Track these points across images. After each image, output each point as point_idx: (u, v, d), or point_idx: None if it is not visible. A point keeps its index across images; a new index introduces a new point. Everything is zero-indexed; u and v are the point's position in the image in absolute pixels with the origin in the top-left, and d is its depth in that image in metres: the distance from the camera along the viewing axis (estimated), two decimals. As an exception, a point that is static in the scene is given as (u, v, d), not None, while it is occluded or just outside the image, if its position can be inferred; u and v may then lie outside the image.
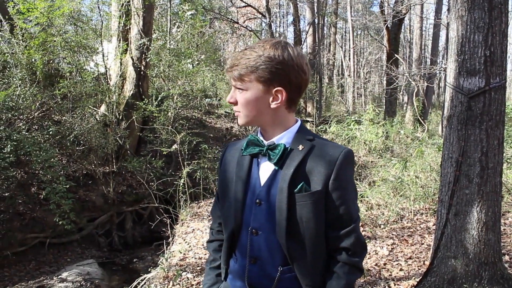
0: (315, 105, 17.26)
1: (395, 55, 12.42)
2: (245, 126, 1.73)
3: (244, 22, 21.52)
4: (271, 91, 1.55)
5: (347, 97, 22.38)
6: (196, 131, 12.68)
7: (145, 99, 10.61)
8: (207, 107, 17.88)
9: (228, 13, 19.79)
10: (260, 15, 20.62)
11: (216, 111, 17.60)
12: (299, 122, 1.66)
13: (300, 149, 1.58)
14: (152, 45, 11.24)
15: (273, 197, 1.57)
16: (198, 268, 5.21)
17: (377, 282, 4.46)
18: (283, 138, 1.61)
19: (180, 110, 12.02)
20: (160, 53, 11.68)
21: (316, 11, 20.24)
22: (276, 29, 27.91)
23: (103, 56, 10.64)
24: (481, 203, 3.47)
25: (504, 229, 6.33)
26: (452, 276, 3.56)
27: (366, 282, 4.50)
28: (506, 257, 5.15)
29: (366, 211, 7.19)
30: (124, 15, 10.96)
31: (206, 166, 9.87)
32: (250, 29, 19.63)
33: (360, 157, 10.39)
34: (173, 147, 8.99)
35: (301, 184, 1.54)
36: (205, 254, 5.67)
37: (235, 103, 1.60)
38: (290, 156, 1.58)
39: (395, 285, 4.36)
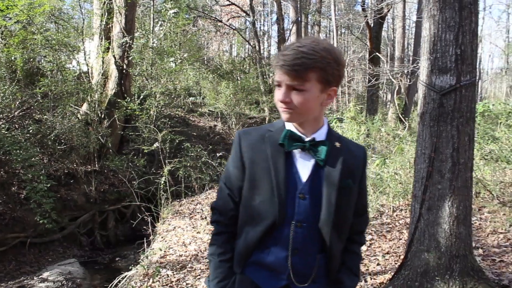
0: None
1: (377, 53, 12.54)
2: (292, 122, 1.64)
3: (228, 20, 21.55)
4: (327, 90, 1.60)
5: None
6: (178, 129, 12.68)
7: (128, 98, 10.58)
8: (190, 106, 17.88)
9: (211, 12, 19.77)
10: (244, 14, 20.68)
11: (200, 109, 17.61)
12: (326, 119, 1.74)
13: (338, 146, 1.70)
14: (134, 43, 11.21)
15: (317, 191, 1.65)
16: (178, 265, 5.24)
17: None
18: (321, 134, 1.68)
19: (163, 108, 12.01)
20: (143, 52, 11.66)
21: (299, 9, 20.34)
22: (260, 27, 27.96)
23: (84, 54, 10.58)
24: (452, 197, 3.55)
25: (479, 224, 6.46)
26: (425, 269, 3.64)
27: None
28: (480, 251, 5.27)
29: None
30: (106, 13, 10.92)
31: (188, 164, 9.89)
32: (234, 27, 19.64)
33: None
34: (155, 145, 8.98)
35: (347, 180, 1.68)
36: (185, 252, 5.70)
37: (290, 102, 1.57)
38: (332, 153, 1.67)
39: (371, 279, 4.44)
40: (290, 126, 1.67)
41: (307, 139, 1.65)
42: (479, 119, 9.96)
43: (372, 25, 12.64)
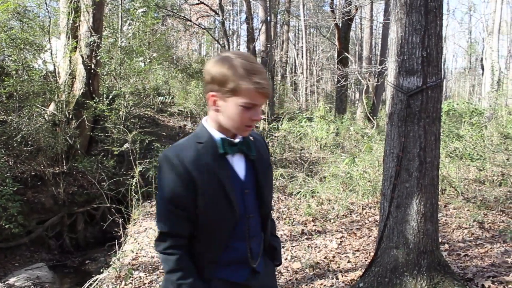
0: (267, 102, 17.41)
1: (345, 53, 12.73)
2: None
3: (197, 19, 21.46)
4: None
5: (299, 95, 22.70)
6: (148, 129, 12.56)
7: (96, 98, 10.42)
8: (160, 106, 17.74)
9: (180, 11, 19.64)
10: (214, 13, 20.62)
11: (169, 109, 17.49)
12: None
13: (252, 139, 1.92)
14: (102, 42, 11.05)
15: (253, 182, 1.89)
16: (151, 267, 5.22)
17: (325, 274, 4.61)
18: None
19: (132, 108, 11.88)
20: (111, 51, 11.50)
21: (269, 9, 20.41)
22: (229, 27, 27.94)
23: (51, 53, 10.37)
24: (420, 195, 3.67)
25: (445, 220, 6.66)
26: (394, 265, 3.74)
27: (315, 274, 4.65)
28: (446, 246, 5.44)
29: (317, 206, 7.37)
30: (73, 12, 10.71)
31: (158, 165, 9.78)
32: (203, 27, 19.57)
33: (311, 153, 10.62)
34: (125, 146, 8.88)
35: (269, 166, 2.01)
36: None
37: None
38: (254, 147, 1.91)
39: (342, 276, 4.53)
40: (219, 135, 1.80)
41: (236, 141, 1.82)
42: (444, 118, 10.24)
43: (340, 25, 12.81)
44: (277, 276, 4.78)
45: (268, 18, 20.32)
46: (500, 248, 5.20)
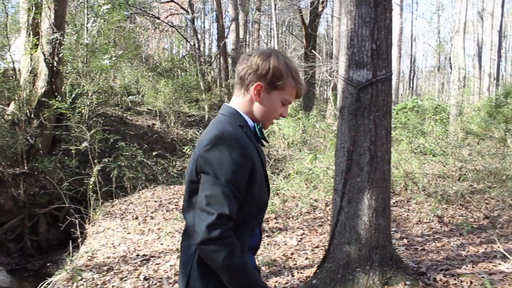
0: (226, 98, 17.38)
1: (312, 51, 12.74)
2: None
3: (166, 17, 21.22)
4: None
5: None
6: (114, 128, 12.35)
7: (59, 96, 10.16)
8: (129, 104, 17.47)
9: (149, 9, 19.37)
10: (184, 11, 20.43)
11: (139, 108, 17.24)
12: None
13: None
14: (65, 40, 10.79)
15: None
16: (105, 267, 5.08)
17: (281, 271, 4.56)
18: None
19: (98, 107, 11.66)
20: (75, 49, 11.23)
21: (239, 7, 20.34)
22: (201, 25, 27.74)
23: (9, 50, 10.07)
24: (371, 190, 3.64)
25: (407, 215, 6.70)
26: (346, 261, 3.70)
27: (271, 272, 4.59)
28: (405, 241, 5.46)
29: (281, 203, 7.32)
30: (34, 8, 10.43)
31: (123, 164, 9.65)
32: (171, 24, 19.35)
33: (277, 151, 10.58)
34: (83, 144, 8.67)
35: None
36: (114, 253, 5.53)
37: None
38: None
39: (298, 273, 4.48)
40: (251, 121, 1.83)
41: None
42: (409, 114, 10.34)
43: (307, 23, 12.81)
44: (233, 274, 4.70)
45: (238, 16, 20.25)
46: (456, 242, 5.24)
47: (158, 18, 18.54)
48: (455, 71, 18.19)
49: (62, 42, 10.48)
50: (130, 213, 7.19)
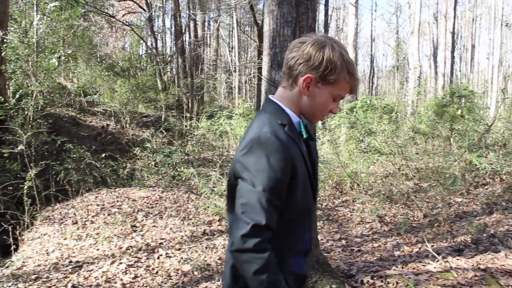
0: (190, 99, 17.23)
1: (261, 49, 12.71)
2: None
3: (123, 16, 20.82)
4: None
5: (221, 92, 22.61)
6: (65, 129, 11.99)
7: (1, 97, 9.77)
8: (85, 104, 17.04)
9: (103, 6, 18.93)
10: (142, 9, 20.09)
11: (95, 109, 16.83)
12: None
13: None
14: (8, 38, 10.38)
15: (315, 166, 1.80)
16: (34, 276, 4.86)
17: (212, 276, 4.46)
18: None
19: (49, 108, 11.30)
20: (19, 47, 10.83)
21: (197, 6, 20.15)
22: (160, 24, 27.34)
23: None
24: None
25: (351, 215, 6.72)
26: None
27: (203, 277, 4.48)
28: (343, 242, 5.45)
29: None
30: (-26, 5, 10.00)
31: (70, 166, 9.37)
32: (127, 23, 18.98)
33: (229, 151, 10.49)
34: (19, 147, 8.36)
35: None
36: (46, 261, 5.31)
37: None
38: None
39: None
40: (295, 117, 1.70)
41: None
42: (359, 113, 10.41)
43: (260, 23, 12.77)
44: (165, 279, 4.58)
45: (196, 15, 20.06)
46: (393, 242, 5.26)
47: (113, 17, 18.13)
48: (411, 70, 18.57)
49: (5, 40, 10.08)
50: (70, 217, 6.94)
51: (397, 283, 3.79)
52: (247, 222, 1.49)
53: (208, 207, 7.14)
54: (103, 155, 10.51)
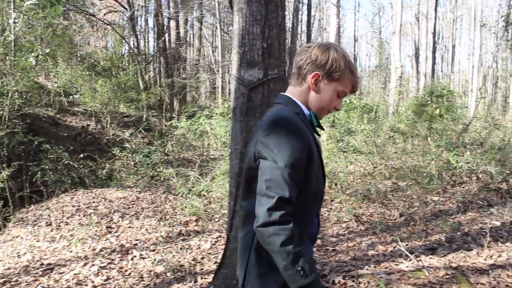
0: (170, 99, 17.11)
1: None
2: None
3: (104, 15, 20.59)
4: None
5: (201, 92, 22.53)
6: (43, 129, 11.80)
7: (-25, 96, 9.58)
8: (66, 104, 16.81)
9: (84, 5, 18.69)
10: (124, 8, 19.86)
11: (76, 108, 16.60)
12: None
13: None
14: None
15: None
16: (2, 279, 4.75)
17: (185, 277, 4.40)
18: None
19: (26, 108, 11.10)
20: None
21: (179, 5, 20.01)
22: (142, 23, 27.11)
23: None
24: (265, 192, 3.53)
25: (328, 214, 6.70)
26: (242, 266, 3.59)
27: (175, 278, 4.43)
28: (319, 241, 5.42)
29: (206, 205, 7.18)
30: None
31: (47, 167, 9.22)
32: (107, 22, 18.77)
33: (209, 151, 10.43)
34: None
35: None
36: (16, 263, 5.21)
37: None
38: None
39: (202, 278, 4.34)
40: (305, 109, 1.84)
41: None
42: (340, 112, 10.42)
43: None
44: (137, 281, 4.52)
45: (179, 14, 19.93)
46: (368, 241, 5.25)
47: (93, 16, 17.90)
48: (393, 70, 18.68)
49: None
50: (44, 219, 6.82)
51: (368, 282, 3.78)
52: (272, 196, 1.59)
53: (185, 207, 7.08)
54: (82, 155, 10.36)
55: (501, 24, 18.70)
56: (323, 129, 2.04)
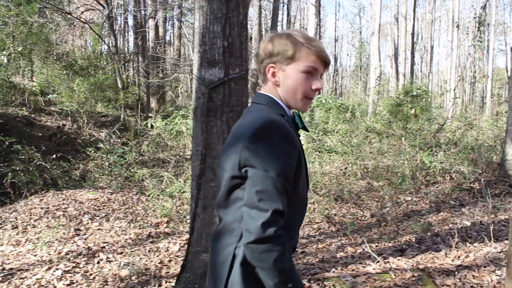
0: (147, 99, 16.95)
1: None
2: None
3: (82, 13, 20.29)
4: None
5: (181, 92, 22.36)
6: (16, 129, 11.55)
7: None
8: (42, 104, 16.52)
9: (61, 3, 18.37)
10: (102, 7, 19.59)
11: (52, 108, 16.32)
12: None
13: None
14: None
15: None
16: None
17: (149, 281, 4.30)
18: None
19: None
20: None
21: (158, 4, 19.81)
22: (120, 22, 26.82)
23: None
24: (227, 194, 3.45)
25: (307, 214, 6.64)
26: (203, 270, 3.51)
27: (139, 282, 4.32)
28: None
29: (179, 206, 7.08)
30: None
31: (18, 168, 9.02)
32: (84, 21, 18.50)
33: (184, 151, 10.32)
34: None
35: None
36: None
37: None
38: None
39: (166, 282, 4.24)
40: (287, 109, 1.68)
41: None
42: (319, 112, 10.39)
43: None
44: (101, 285, 4.40)
45: (157, 13, 19.74)
46: (338, 243, 5.22)
47: (69, 14, 17.58)
48: (372, 70, 18.78)
49: None
50: (10, 222, 6.64)
51: (333, 286, 3.73)
52: (265, 209, 1.44)
53: (157, 208, 6.97)
54: (55, 156, 10.15)
55: (473, 25, 18.92)
56: (308, 131, 1.87)
